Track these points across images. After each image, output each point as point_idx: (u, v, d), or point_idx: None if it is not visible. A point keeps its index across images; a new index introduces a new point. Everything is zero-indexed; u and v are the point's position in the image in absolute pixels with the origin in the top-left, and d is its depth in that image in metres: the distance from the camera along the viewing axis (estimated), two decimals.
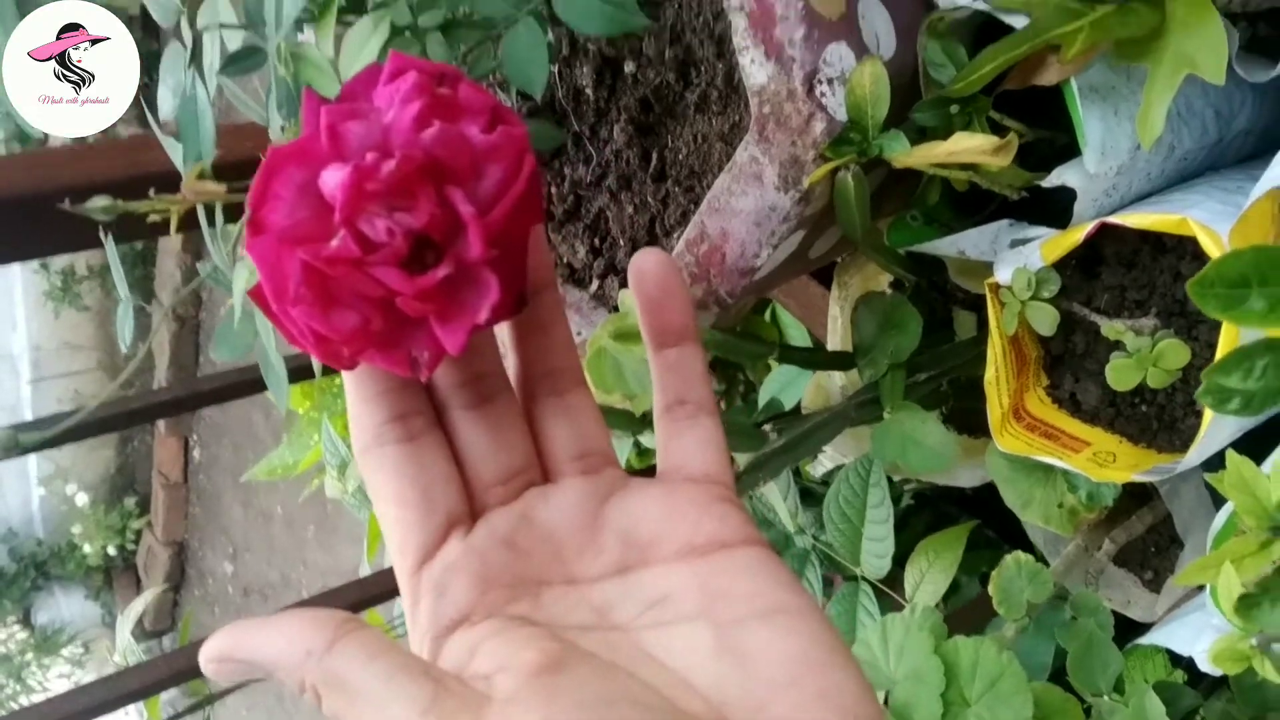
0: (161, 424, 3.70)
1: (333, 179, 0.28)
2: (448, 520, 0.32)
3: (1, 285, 3.57)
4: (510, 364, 0.34)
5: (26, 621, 4.00)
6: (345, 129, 0.28)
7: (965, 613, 0.72)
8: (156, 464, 3.84)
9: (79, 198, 0.66)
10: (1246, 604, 0.34)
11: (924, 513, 0.95)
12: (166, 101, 0.50)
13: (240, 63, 0.46)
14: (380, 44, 0.44)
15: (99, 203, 0.46)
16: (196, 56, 0.47)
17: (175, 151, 0.48)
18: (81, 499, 3.92)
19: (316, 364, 0.62)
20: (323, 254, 0.27)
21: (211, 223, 0.54)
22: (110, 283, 3.64)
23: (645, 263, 0.33)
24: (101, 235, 0.52)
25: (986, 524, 0.86)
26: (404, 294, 0.28)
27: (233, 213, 0.55)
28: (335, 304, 0.28)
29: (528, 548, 0.32)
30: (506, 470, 0.33)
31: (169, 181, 0.54)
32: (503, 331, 0.34)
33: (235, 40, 0.48)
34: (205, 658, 0.29)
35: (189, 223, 0.56)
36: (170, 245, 3.33)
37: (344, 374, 0.33)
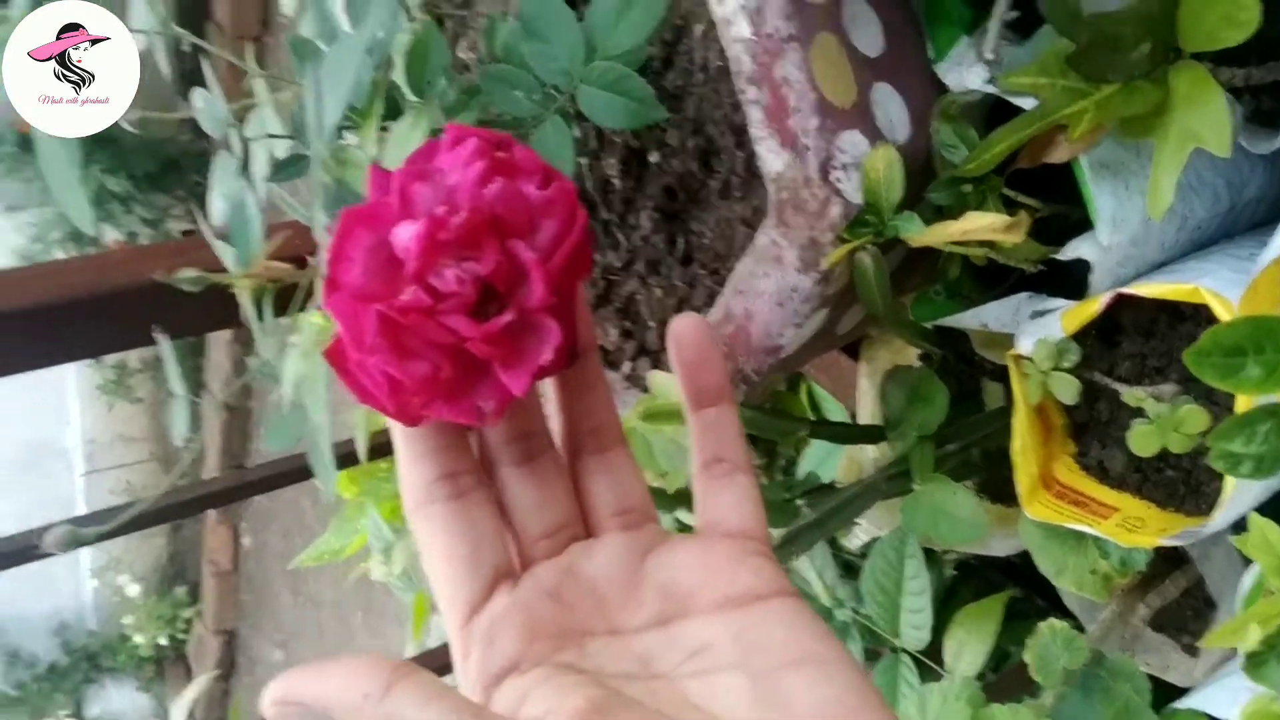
0: (211, 511, 3.74)
1: (406, 233, 0.30)
2: (495, 574, 0.33)
3: (55, 380, 3.65)
4: (555, 422, 0.36)
5: (78, 715, 4.01)
6: (414, 190, 0.30)
7: (1007, 681, 0.72)
8: (206, 552, 3.87)
9: (134, 297, 0.69)
10: (1254, 662, 0.34)
11: (970, 582, 0.95)
12: (218, 207, 0.52)
13: (287, 170, 0.49)
14: (420, 140, 0.46)
15: (188, 274, 0.48)
16: (246, 166, 0.50)
17: (227, 254, 0.50)
18: (133, 589, 3.96)
19: (362, 447, 0.64)
20: (396, 304, 0.29)
21: (260, 317, 0.56)
22: (162, 375, 3.71)
23: (682, 327, 0.35)
24: (156, 334, 0.54)
25: (1032, 591, 0.86)
26: (474, 338, 0.30)
27: (279, 306, 0.58)
28: (409, 353, 0.30)
29: (572, 600, 0.33)
30: (551, 525, 0.35)
31: (213, 285, 0.57)
32: (545, 389, 0.36)
33: (281, 148, 0.51)
34: (268, 702, 0.30)
35: (238, 317, 0.59)
36: (220, 336, 3.40)
37: (395, 434, 0.34)
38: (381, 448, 0.69)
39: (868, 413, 0.69)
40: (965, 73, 0.52)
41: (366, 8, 0.45)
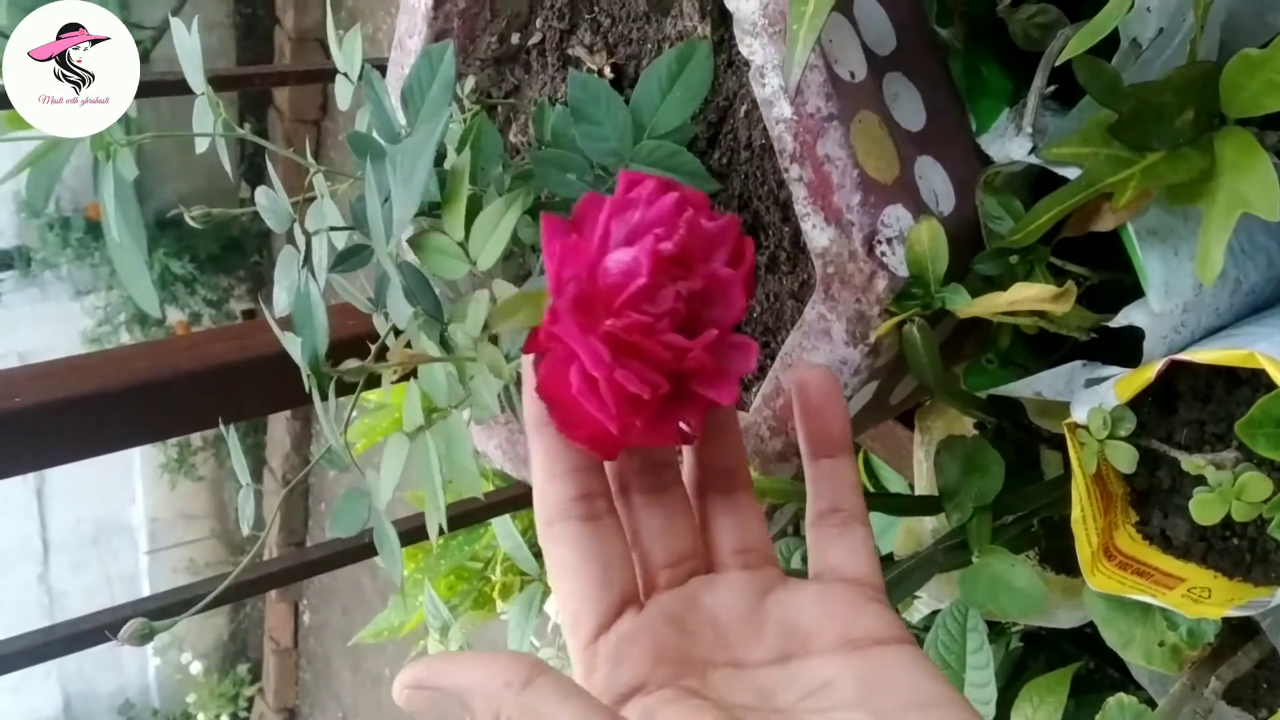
0: (272, 590, 3.77)
1: (625, 257, 0.32)
2: (623, 596, 0.34)
3: (122, 458, 3.73)
4: (686, 461, 0.37)
5: None
6: (612, 225, 0.33)
7: None
8: (268, 629, 3.90)
9: (199, 379, 0.71)
10: None
11: (1042, 654, 0.93)
12: (282, 298, 0.54)
13: (349, 260, 0.50)
14: (513, 223, 0.46)
15: (351, 365, 0.48)
16: (308, 258, 0.51)
17: (293, 345, 0.51)
18: (196, 667, 3.99)
19: (432, 525, 0.64)
20: (625, 324, 0.31)
21: (325, 397, 0.57)
22: (222, 453, 3.77)
23: (809, 375, 0.37)
24: (220, 424, 0.55)
25: (1104, 662, 0.84)
26: (695, 350, 0.32)
27: (341, 389, 0.59)
28: (638, 372, 0.32)
29: (695, 629, 0.34)
30: (675, 555, 0.36)
31: (277, 363, 0.58)
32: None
33: (339, 238, 0.52)
34: (401, 685, 0.31)
35: (299, 398, 0.60)
36: (280, 414, 3.46)
37: (534, 451, 0.35)
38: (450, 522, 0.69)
39: (924, 483, 0.69)
40: (1008, 144, 0.52)
41: (423, 102, 0.47)
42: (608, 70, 0.61)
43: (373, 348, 0.56)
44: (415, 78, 0.49)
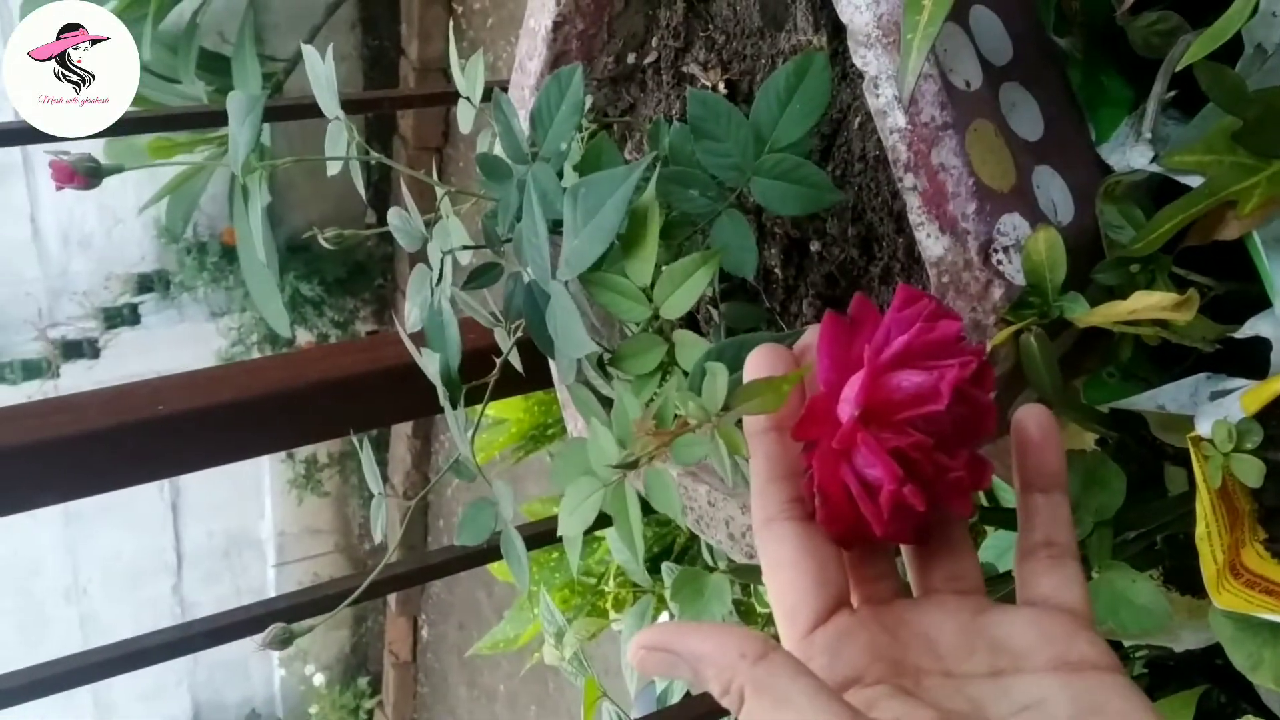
0: (393, 603, 3.86)
1: (919, 379, 0.35)
2: (838, 595, 0.36)
3: (253, 474, 3.86)
4: None
5: None
6: (894, 338, 0.36)
7: None
8: (388, 643, 3.98)
9: (329, 388, 0.74)
10: None
11: (1169, 685, 0.90)
12: (414, 314, 0.56)
13: (481, 279, 0.52)
14: (708, 279, 0.47)
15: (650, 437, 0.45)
16: (441, 278, 0.53)
17: (430, 361, 0.53)
18: (318, 679, 4.09)
19: (636, 565, 0.65)
20: (908, 442, 0.34)
21: (456, 407, 0.59)
22: (347, 470, 3.88)
23: (1028, 413, 0.40)
24: (351, 434, 0.58)
25: (1234, 692, 0.81)
26: (957, 469, 0.35)
27: (468, 402, 0.61)
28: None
29: (906, 639, 0.35)
30: (878, 571, 0.37)
31: (404, 374, 0.60)
32: None
33: (463, 255, 0.54)
34: (638, 645, 0.32)
35: (424, 408, 0.62)
36: (401, 430, 3.54)
37: (754, 454, 0.38)
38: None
39: None
40: (1129, 153, 0.51)
41: (552, 123, 0.48)
42: (722, 87, 0.62)
43: (497, 361, 0.58)
44: (544, 99, 0.50)
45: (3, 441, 0.63)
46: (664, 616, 1.10)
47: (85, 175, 0.54)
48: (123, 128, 0.57)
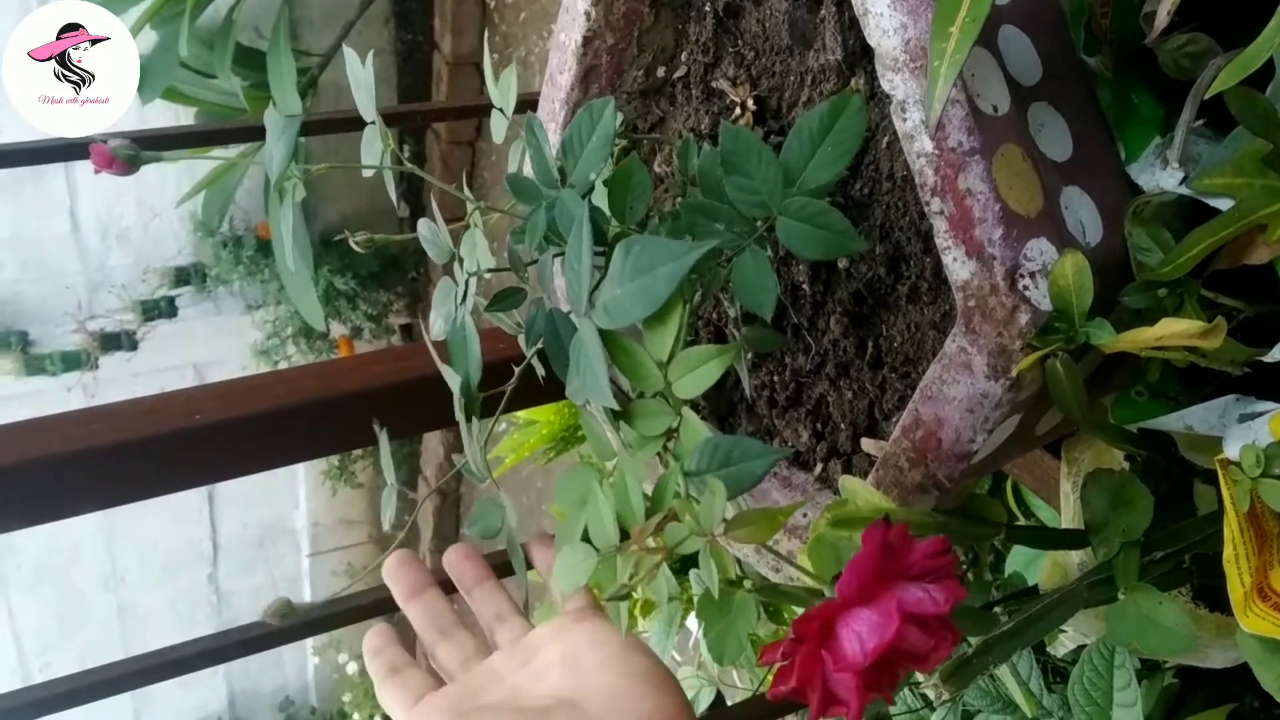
0: None
1: (922, 595, 0.39)
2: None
3: (287, 468, 3.89)
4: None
5: None
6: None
7: None
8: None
9: (362, 398, 0.75)
10: None
11: (1200, 692, 0.90)
12: (438, 324, 0.56)
13: (503, 303, 0.52)
14: (722, 370, 0.48)
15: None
16: (465, 297, 0.54)
17: (453, 379, 0.54)
18: (352, 668, 4.13)
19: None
20: (881, 648, 0.38)
21: (470, 420, 0.60)
22: (379, 463, 3.90)
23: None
24: (376, 429, 0.59)
25: (1270, 703, 0.80)
26: (930, 663, 0.40)
27: (487, 411, 0.61)
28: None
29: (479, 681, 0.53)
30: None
31: (434, 384, 0.61)
32: None
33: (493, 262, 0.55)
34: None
35: (452, 417, 0.62)
36: None
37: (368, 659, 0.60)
38: None
39: (1070, 516, 0.67)
40: (1158, 174, 0.51)
41: (582, 153, 0.48)
42: (750, 103, 0.63)
43: (517, 370, 0.59)
44: (576, 130, 0.50)
45: (45, 451, 0.64)
46: (693, 617, 1.10)
47: (124, 161, 0.54)
48: (163, 143, 0.58)
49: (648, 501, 0.45)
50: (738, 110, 0.63)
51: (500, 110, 0.65)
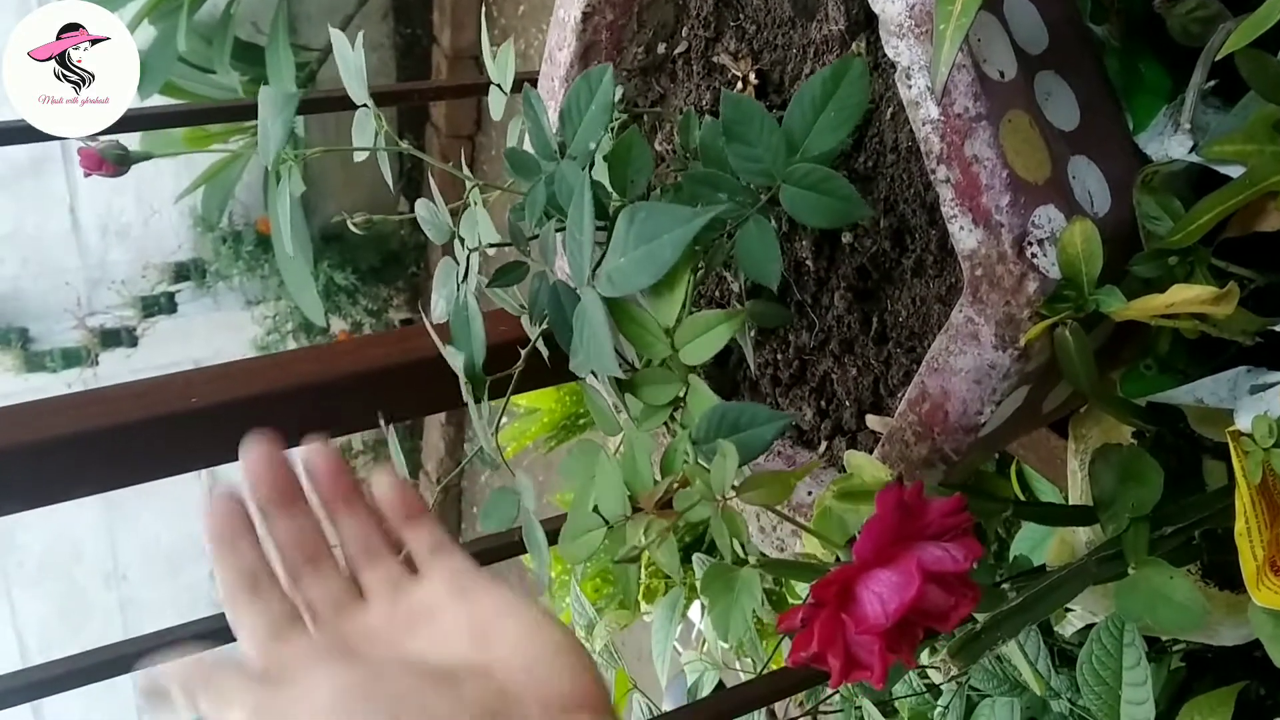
0: None
1: (938, 553, 0.39)
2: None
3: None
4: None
5: None
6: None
7: None
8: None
9: (360, 381, 0.74)
10: None
11: (1207, 675, 0.89)
12: (439, 306, 0.55)
13: (506, 277, 0.51)
14: (728, 338, 0.47)
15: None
16: (467, 275, 0.53)
17: (455, 359, 0.53)
18: None
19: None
20: (906, 605, 0.38)
21: (479, 401, 0.59)
22: (381, 456, 3.90)
23: (380, 483, 0.49)
24: (381, 421, 0.58)
25: (1276, 686, 0.80)
26: (950, 623, 0.40)
27: (493, 395, 0.61)
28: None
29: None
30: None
31: (434, 366, 0.60)
32: None
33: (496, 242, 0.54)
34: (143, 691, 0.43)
35: (454, 400, 0.62)
36: (435, 420, 3.56)
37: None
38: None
39: (1078, 493, 0.67)
40: (1167, 142, 0.51)
41: (581, 122, 0.48)
42: (753, 76, 0.62)
43: (523, 352, 0.58)
44: (574, 98, 0.50)
45: (41, 434, 0.63)
46: (695, 607, 1.10)
47: (113, 163, 0.54)
48: (159, 121, 0.57)
49: (655, 474, 0.44)
50: (740, 85, 0.62)
51: (498, 86, 0.64)
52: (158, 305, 3.48)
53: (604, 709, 0.40)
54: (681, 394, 0.46)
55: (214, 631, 0.63)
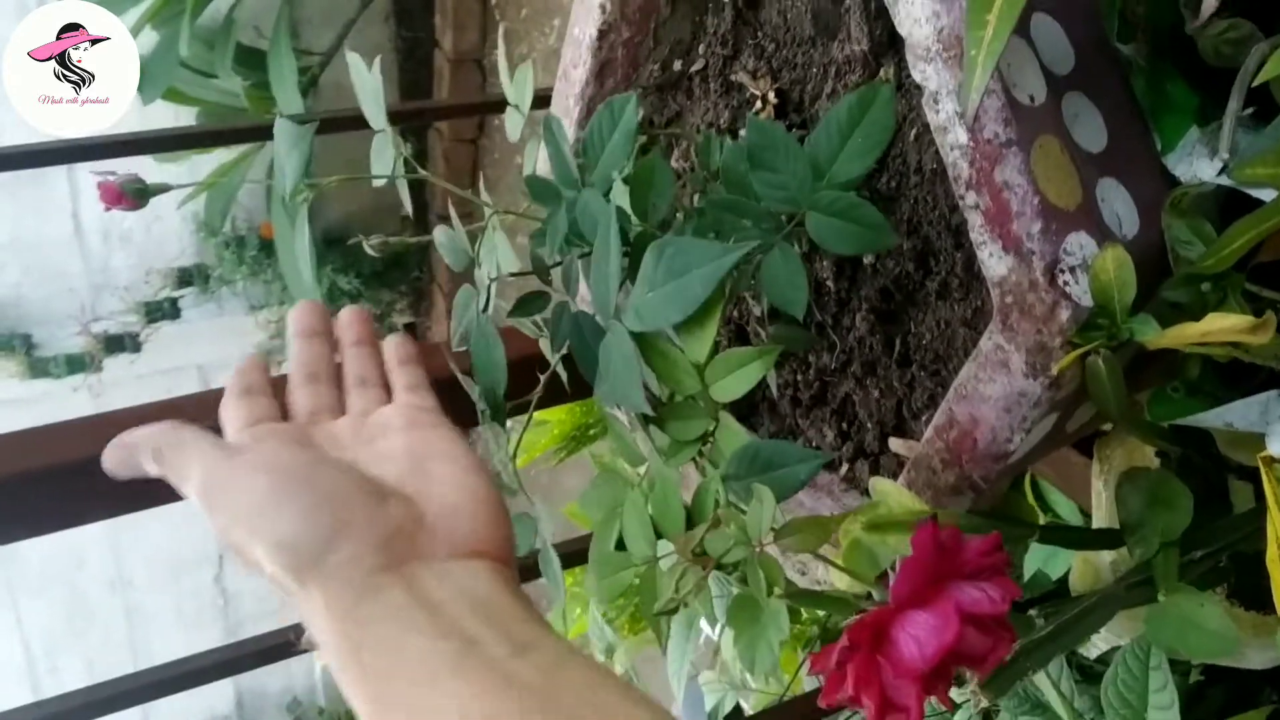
0: None
1: (978, 594, 0.39)
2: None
3: None
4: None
5: None
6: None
7: None
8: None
9: None
10: None
11: (1219, 685, 0.89)
12: (458, 335, 0.55)
13: (527, 307, 0.51)
14: (762, 374, 0.47)
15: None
16: (487, 303, 0.52)
17: (473, 389, 0.53)
18: None
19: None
20: (945, 649, 0.38)
21: (499, 420, 0.59)
22: None
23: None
24: None
25: None
26: (988, 667, 0.39)
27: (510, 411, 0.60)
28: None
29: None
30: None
31: (449, 386, 0.59)
32: None
33: (509, 260, 0.53)
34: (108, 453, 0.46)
35: (469, 418, 0.61)
36: None
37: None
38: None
39: (1103, 515, 0.66)
40: (1196, 163, 0.50)
41: (603, 151, 0.47)
42: (771, 95, 0.61)
43: (542, 378, 0.57)
44: (596, 127, 0.49)
45: (56, 459, 0.63)
46: (703, 621, 1.09)
47: (133, 197, 0.54)
48: (170, 144, 0.57)
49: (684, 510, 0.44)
50: (758, 103, 0.61)
51: (516, 108, 0.63)
52: (161, 311, 3.47)
53: (506, 561, 0.42)
54: (711, 429, 0.45)
55: (231, 661, 0.63)
